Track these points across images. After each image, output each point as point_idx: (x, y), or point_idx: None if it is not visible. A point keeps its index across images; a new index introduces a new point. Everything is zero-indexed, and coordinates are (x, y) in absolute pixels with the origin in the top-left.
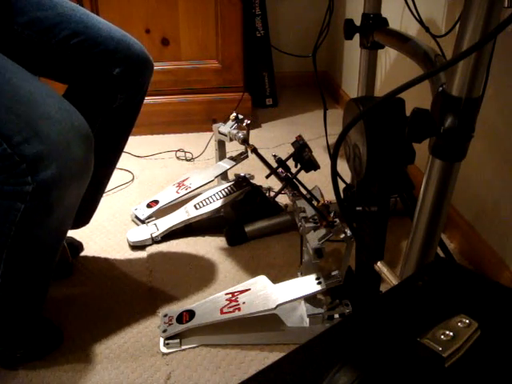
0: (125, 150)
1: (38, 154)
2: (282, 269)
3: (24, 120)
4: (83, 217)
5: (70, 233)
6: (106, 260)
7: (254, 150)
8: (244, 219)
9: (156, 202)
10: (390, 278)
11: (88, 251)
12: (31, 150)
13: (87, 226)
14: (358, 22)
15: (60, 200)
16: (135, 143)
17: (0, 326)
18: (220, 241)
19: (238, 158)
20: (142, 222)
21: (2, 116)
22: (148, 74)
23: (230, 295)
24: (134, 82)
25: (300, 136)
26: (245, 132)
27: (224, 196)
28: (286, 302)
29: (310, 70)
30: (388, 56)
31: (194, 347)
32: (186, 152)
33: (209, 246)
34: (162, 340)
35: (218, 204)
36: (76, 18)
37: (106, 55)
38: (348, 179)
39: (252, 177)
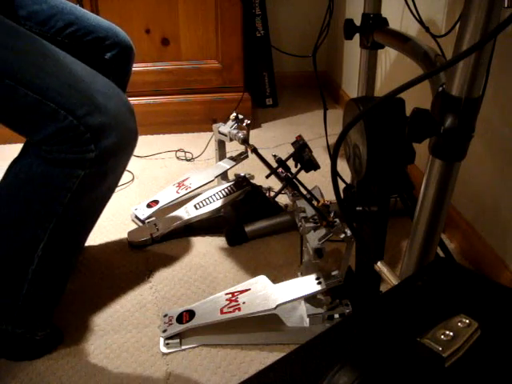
0: None
1: (100, 124)
2: (281, 269)
3: (84, 95)
4: None
5: None
6: (105, 260)
7: (254, 150)
8: (244, 219)
9: (156, 201)
10: (390, 278)
11: (88, 251)
12: (94, 120)
13: None
14: (358, 22)
15: (114, 168)
16: None
17: (28, 302)
18: (220, 241)
19: (237, 158)
20: (142, 221)
21: (65, 92)
22: (132, 60)
23: (230, 295)
24: (123, 65)
25: (300, 136)
26: (245, 132)
27: (224, 196)
28: (286, 302)
29: (309, 70)
30: (388, 56)
31: (193, 347)
32: (186, 152)
33: (209, 246)
34: (162, 340)
35: (217, 204)
36: (67, 10)
37: (98, 42)
38: (348, 179)
39: (252, 177)
